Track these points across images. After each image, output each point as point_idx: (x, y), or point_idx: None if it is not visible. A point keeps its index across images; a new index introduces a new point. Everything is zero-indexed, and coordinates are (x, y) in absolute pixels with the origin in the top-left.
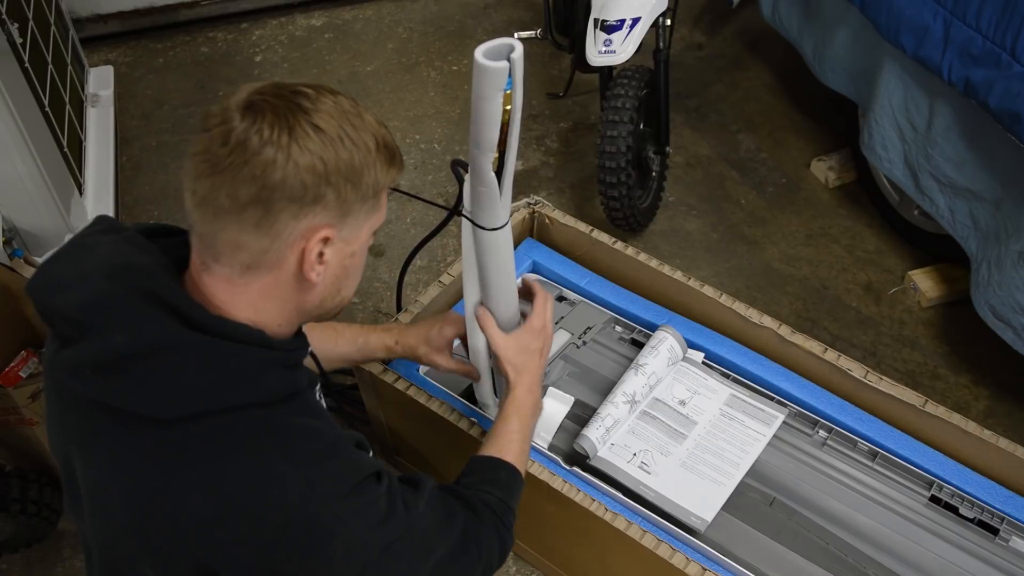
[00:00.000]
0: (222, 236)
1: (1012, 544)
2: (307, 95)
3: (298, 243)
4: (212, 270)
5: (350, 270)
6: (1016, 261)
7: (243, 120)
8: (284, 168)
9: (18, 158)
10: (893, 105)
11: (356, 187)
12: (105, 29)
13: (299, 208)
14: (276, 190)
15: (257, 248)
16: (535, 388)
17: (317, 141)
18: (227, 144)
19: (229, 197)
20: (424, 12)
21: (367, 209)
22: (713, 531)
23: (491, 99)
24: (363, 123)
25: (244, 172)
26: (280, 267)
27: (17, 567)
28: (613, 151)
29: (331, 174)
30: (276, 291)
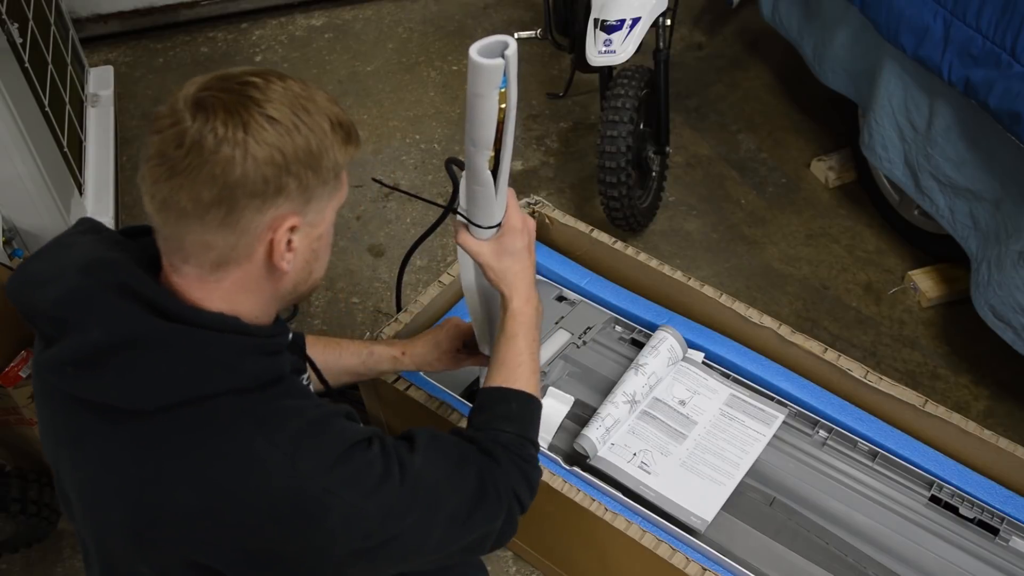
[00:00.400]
0: (188, 238)
1: (1012, 544)
2: (256, 85)
3: (265, 235)
4: (182, 271)
5: (319, 252)
6: (1016, 261)
7: (195, 120)
8: (243, 164)
9: (18, 158)
10: (893, 105)
11: (316, 172)
12: (105, 29)
13: (262, 202)
14: (237, 187)
15: (224, 246)
16: (531, 294)
17: (272, 132)
18: (182, 146)
19: (191, 200)
20: (424, 12)
21: (329, 191)
22: (713, 531)
23: (486, 97)
24: (315, 106)
25: (203, 173)
26: (250, 260)
27: (17, 567)
28: (613, 151)
29: (291, 163)
30: (249, 283)
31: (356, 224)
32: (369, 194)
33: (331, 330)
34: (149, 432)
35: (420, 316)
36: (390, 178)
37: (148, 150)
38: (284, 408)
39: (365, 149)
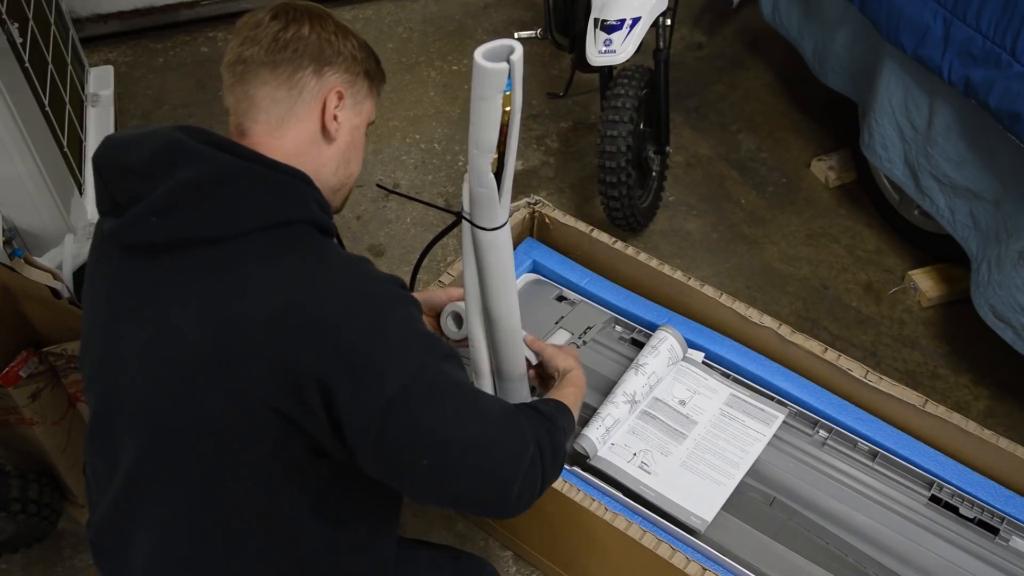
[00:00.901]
0: (260, 92)
1: (1012, 544)
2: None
3: (319, 96)
4: (252, 131)
5: (356, 143)
6: (1016, 261)
7: (270, 13)
8: (307, 38)
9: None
10: (893, 105)
11: (358, 62)
12: (105, 29)
13: (319, 66)
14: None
15: (288, 99)
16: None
17: (332, 25)
18: (261, 25)
19: (268, 56)
20: (424, 12)
21: (365, 89)
22: (713, 531)
23: (490, 100)
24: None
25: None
26: (308, 119)
27: (17, 567)
28: (613, 151)
29: (342, 47)
30: (304, 146)
31: (356, 224)
32: (369, 194)
33: None
34: (234, 254)
35: None
36: (390, 178)
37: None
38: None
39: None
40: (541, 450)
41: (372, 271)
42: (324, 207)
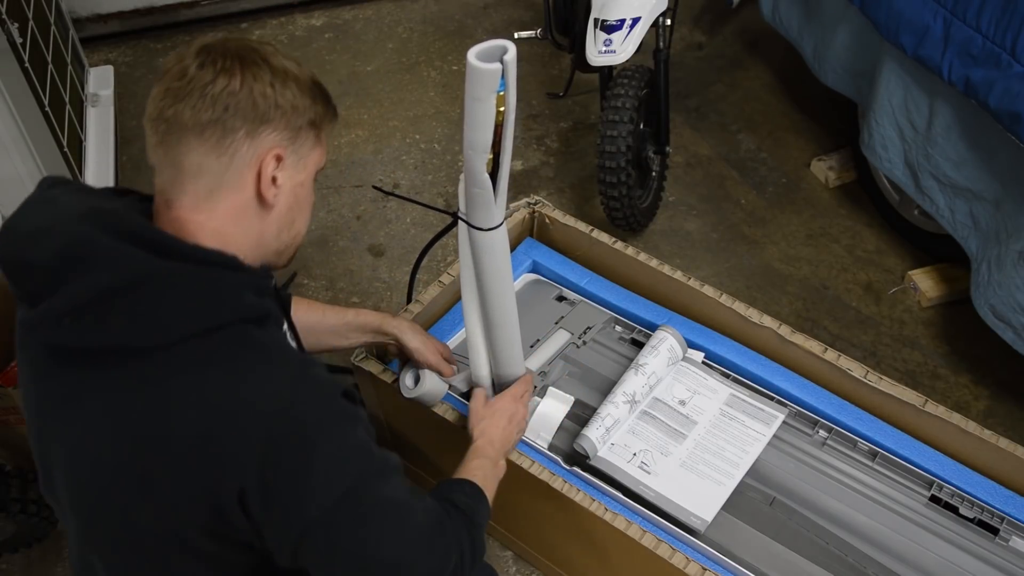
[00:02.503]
0: (186, 161)
1: (1012, 544)
2: (253, 43)
3: (254, 163)
4: (179, 202)
5: (301, 201)
6: (1016, 261)
7: (197, 57)
8: (238, 92)
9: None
10: (893, 105)
11: (300, 114)
12: (105, 29)
13: (253, 127)
14: (232, 111)
15: (218, 168)
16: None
17: (267, 71)
18: (185, 77)
19: (192, 119)
20: (424, 12)
21: (311, 140)
22: (713, 531)
23: (484, 101)
24: (300, 69)
25: (205, 97)
26: (240, 188)
27: (17, 567)
28: (613, 151)
29: (279, 98)
30: (239, 216)
31: (356, 224)
32: (369, 194)
33: None
34: (154, 367)
35: (420, 316)
36: (390, 178)
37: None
38: (279, 342)
39: (365, 149)
40: (462, 556)
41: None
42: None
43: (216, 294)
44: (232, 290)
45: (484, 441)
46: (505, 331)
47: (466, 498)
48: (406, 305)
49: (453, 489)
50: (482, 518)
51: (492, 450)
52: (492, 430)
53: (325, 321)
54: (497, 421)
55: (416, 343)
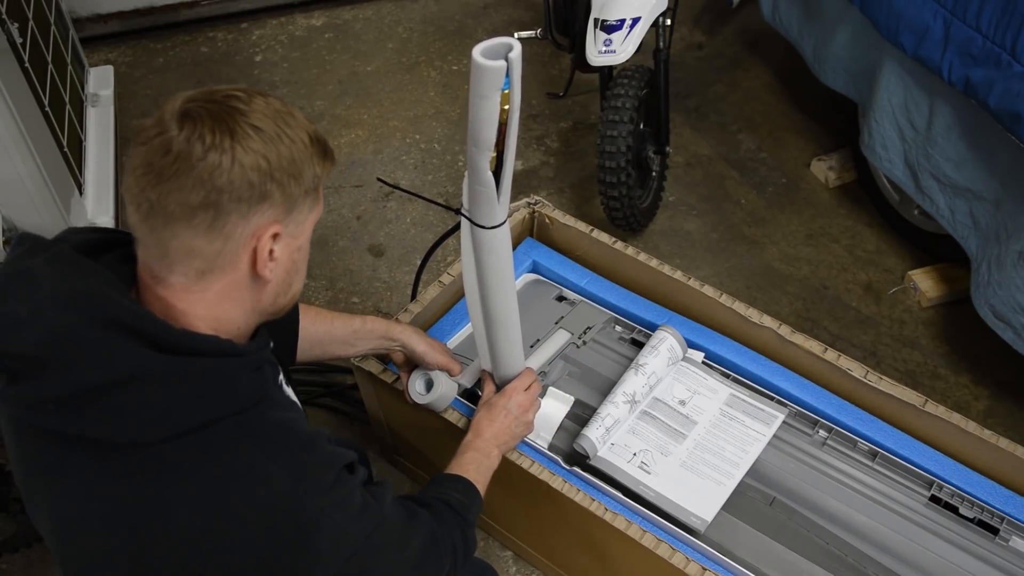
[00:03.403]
0: (174, 244)
1: (1012, 544)
2: (239, 98)
3: (249, 242)
4: (167, 281)
5: (298, 264)
6: (1016, 261)
7: (181, 129)
8: (231, 170)
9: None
10: (893, 105)
11: (299, 181)
12: (105, 29)
13: (248, 207)
14: (224, 192)
15: (210, 251)
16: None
17: (258, 140)
18: (169, 153)
19: (179, 203)
20: (424, 12)
21: (309, 203)
22: (713, 531)
23: (488, 98)
24: (295, 120)
25: (192, 177)
26: (235, 268)
27: (17, 567)
28: (613, 151)
29: (275, 171)
30: (233, 293)
31: (356, 224)
32: (369, 194)
33: None
34: (147, 462)
35: (420, 316)
36: (390, 178)
37: (133, 160)
38: (279, 423)
39: (365, 149)
40: (455, 558)
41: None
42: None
43: (209, 388)
44: (228, 380)
45: (472, 434)
46: (506, 330)
47: (460, 496)
48: (408, 303)
49: (447, 487)
50: (474, 515)
51: (485, 444)
52: (483, 423)
53: (334, 332)
54: (494, 414)
55: (423, 346)
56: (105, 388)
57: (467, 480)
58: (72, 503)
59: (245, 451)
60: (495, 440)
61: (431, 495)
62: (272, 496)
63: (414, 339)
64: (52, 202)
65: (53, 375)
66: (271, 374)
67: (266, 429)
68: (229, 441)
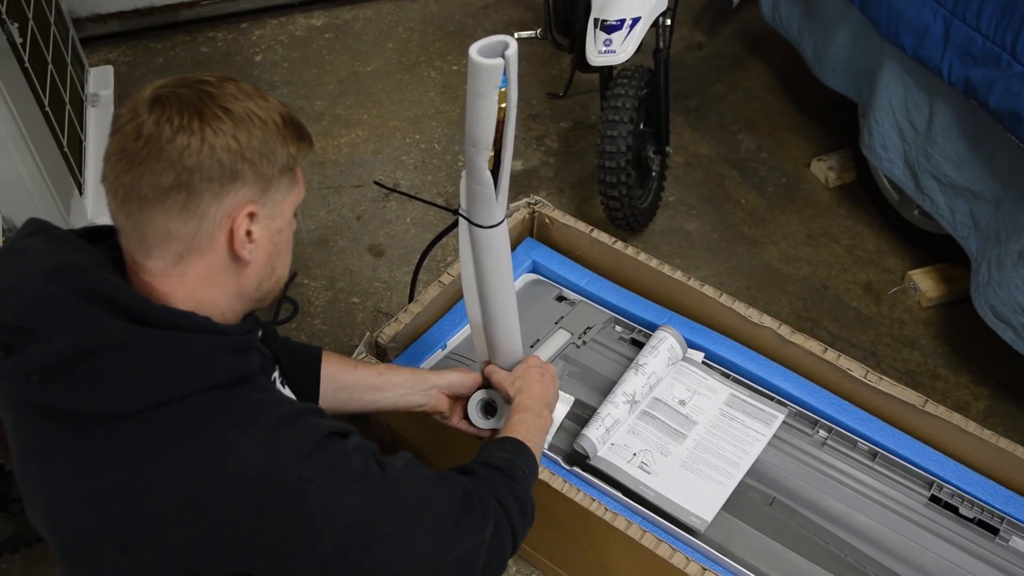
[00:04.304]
0: (150, 228)
1: (1012, 544)
2: (210, 82)
3: (225, 223)
4: (146, 267)
5: (280, 247)
6: (1016, 261)
7: (151, 113)
8: (200, 151)
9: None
10: (893, 105)
11: (271, 161)
12: (105, 29)
13: (220, 187)
14: (195, 172)
15: (186, 233)
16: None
17: (228, 122)
18: (140, 137)
19: (151, 186)
20: (424, 12)
21: (286, 184)
22: (713, 531)
23: (486, 96)
24: (267, 103)
25: (163, 160)
26: (212, 250)
27: (17, 567)
28: (613, 151)
29: (245, 150)
30: (213, 276)
31: (356, 224)
32: (369, 194)
33: (331, 329)
34: (122, 436)
35: (420, 316)
36: (390, 178)
37: (110, 148)
38: (255, 402)
39: (365, 149)
40: (507, 516)
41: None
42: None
43: (184, 361)
44: (203, 355)
45: (525, 396)
46: (506, 330)
47: (504, 454)
48: (407, 304)
49: (491, 449)
50: (525, 472)
51: (533, 402)
52: (530, 384)
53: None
54: (531, 375)
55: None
56: (79, 357)
57: (514, 439)
58: (59, 484)
59: (216, 426)
60: (543, 398)
61: (473, 461)
62: (245, 470)
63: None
64: (52, 202)
65: (36, 345)
66: (260, 363)
67: (240, 406)
68: (199, 416)
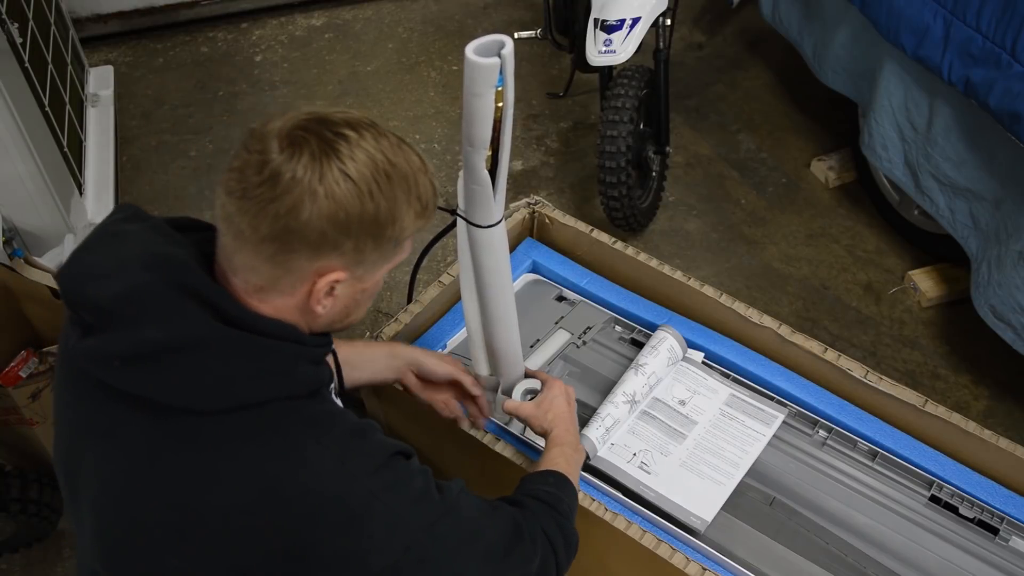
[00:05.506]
0: (239, 256)
1: (1012, 544)
2: (348, 138)
3: (309, 278)
4: (233, 280)
5: (360, 302)
6: (1016, 261)
7: (281, 153)
8: (308, 213)
9: (18, 158)
10: (893, 105)
11: (377, 240)
12: (105, 29)
13: (314, 252)
14: (295, 232)
15: (269, 276)
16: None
17: (345, 191)
18: (260, 173)
19: (251, 227)
20: (424, 12)
21: (387, 253)
22: (713, 531)
23: (483, 96)
24: (398, 173)
25: (269, 208)
26: (292, 295)
27: (17, 567)
28: (613, 151)
29: (352, 226)
30: (286, 312)
31: None
32: None
33: None
34: (199, 432)
35: (420, 316)
36: None
37: (233, 162)
38: (328, 413)
39: None
40: (554, 551)
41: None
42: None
43: (271, 367)
44: (287, 363)
45: (561, 429)
46: (505, 330)
47: (550, 488)
48: (406, 305)
49: (536, 482)
50: (568, 506)
51: (570, 436)
52: (563, 416)
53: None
54: (561, 405)
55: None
56: (168, 349)
57: (557, 473)
58: (119, 464)
59: (293, 433)
60: (575, 428)
61: (519, 493)
62: (317, 478)
63: (418, 352)
64: (52, 202)
65: (123, 330)
66: (328, 376)
67: (315, 415)
68: (278, 422)
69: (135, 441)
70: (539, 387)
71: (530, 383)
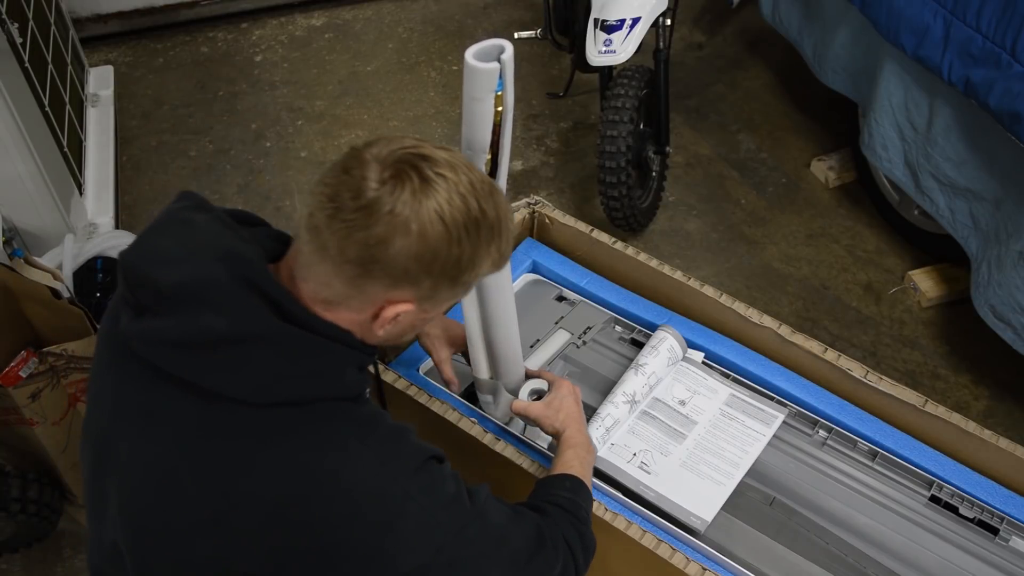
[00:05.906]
0: (316, 269)
1: (1012, 544)
2: (447, 179)
3: (379, 303)
4: (300, 287)
5: (417, 327)
6: (1016, 261)
7: (381, 185)
8: (396, 248)
9: (18, 158)
10: (893, 105)
11: (453, 282)
12: (105, 29)
13: (393, 283)
14: (380, 262)
15: (343, 293)
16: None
17: (437, 233)
18: (357, 199)
19: (336, 247)
20: (424, 12)
21: (456, 295)
22: (713, 531)
23: (482, 100)
24: (487, 222)
25: (360, 235)
26: (358, 313)
27: (17, 567)
28: (613, 151)
29: (436, 267)
30: (348, 324)
31: None
32: None
33: None
34: (245, 421)
35: None
36: None
37: (328, 176)
38: (370, 415)
39: None
40: (573, 557)
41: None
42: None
43: (324, 368)
44: (338, 365)
45: (573, 429)
46: (505, 331)
47: (567, 493)
48: None
49: (554, 486)
50: (586, 511)
51: (582, 436)
52: (573, 415)
53: None
54: (570, 405)
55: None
56: (226, 340)
57: (573, 477)
58: (158, 444)
59: (338, 432)
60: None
61: (539, 499)
62: (357, 476)
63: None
64: (52, 202)
65: (182, 316)
66: (370, 381)
67: (359, 416)
68: (324, 420)
69: (178, 424)
70: (545, 387)
71: (536, 383)
